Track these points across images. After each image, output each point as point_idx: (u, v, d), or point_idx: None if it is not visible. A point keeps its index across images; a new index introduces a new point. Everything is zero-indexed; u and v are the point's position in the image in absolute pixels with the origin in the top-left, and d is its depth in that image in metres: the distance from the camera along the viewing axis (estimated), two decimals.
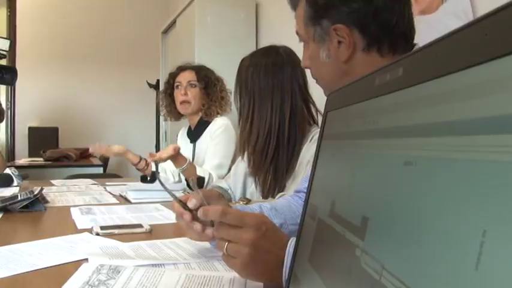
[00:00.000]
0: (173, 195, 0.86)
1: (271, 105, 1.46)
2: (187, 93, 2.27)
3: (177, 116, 2.44)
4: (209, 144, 2.23)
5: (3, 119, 3.63)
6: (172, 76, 2.39)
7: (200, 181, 2.06)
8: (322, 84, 1.03)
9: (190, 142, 2.38)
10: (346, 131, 0.49)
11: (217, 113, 2.29)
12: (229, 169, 2.14)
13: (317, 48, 0.96)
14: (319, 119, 1.56)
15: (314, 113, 1.54)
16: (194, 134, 2.35)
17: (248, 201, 1.39)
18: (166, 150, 2.00)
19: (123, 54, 5.35)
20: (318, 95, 1.50)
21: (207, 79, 2.28)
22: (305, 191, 1.19)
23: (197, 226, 0.85)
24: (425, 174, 0.29)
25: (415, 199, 0.29)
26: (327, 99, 0.61)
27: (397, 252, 0.30)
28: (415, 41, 0.97)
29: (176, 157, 2.06)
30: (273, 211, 1.11)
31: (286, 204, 1.17)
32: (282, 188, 1.45)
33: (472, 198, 0.23)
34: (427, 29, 1.60)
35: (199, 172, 2.10)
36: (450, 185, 0.26)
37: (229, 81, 2.44)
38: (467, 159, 0.24)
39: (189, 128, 2.42)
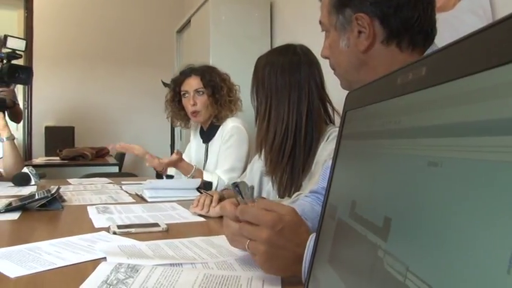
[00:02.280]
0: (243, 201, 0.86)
1: (288, 104, 1.46)
2: (197, 103, 2.22)
3: (187, 122, 2.42)
4: (221, 147, 2.22)
5: (21, 119, 3.67)
6: (177, 83, 2.32)
7: (208, 186, 2.06)
8: (338, 73, 1.04)
9: (203, 142, 2.38)
10: (367, 130, 0.49)
11: (228, 115, 2.27)
12: (243, 170, 2.15)
13: (337, 36, 0.97)
14: (335, 118, 1.55)
15: (331, 112, 1.53)
16: (207, 135, 2.34)
17: None
18: (170, 158, 2.00)
19: (138, 54, 5.38)
20: (334, 95, 1.49)
21: (212, 83, 2.20)
22: (321, 192, 1.20)
23: None
24: (451, 175, 0.28)
25: (441, 200, 0.29)
26: (346, 98, 0.60)
27: (422, 254, 0.30)
28: None
29: (180, 164, 2.07)
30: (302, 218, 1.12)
31: (310, 207, 1.17)
32: (298, 188, 1.44)
33: (502, 200, 0.23)
34: (444, 26, 1.59)
35: (207, 177, 2.10)
36: (478, 186, 0.25)
37: (244, 80, 2.43)
38: (497, 161, 0.24)
39: (201, 128, 2.41)
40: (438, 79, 0.33)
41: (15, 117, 3.40)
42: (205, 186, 2.04)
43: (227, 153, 2.17)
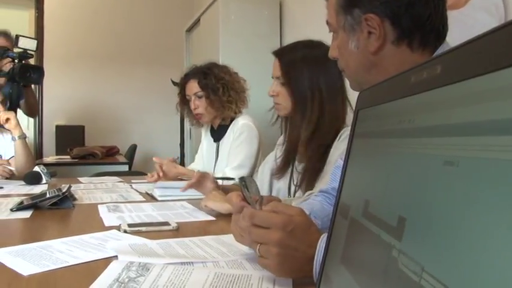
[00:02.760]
0: (252, 202, 0.85)
1: (325, 98, 1.45)
2: (198, 106, 2.24)
3: (198, 122, 2.43)
4: (232, 145, 2.22)
5: (36, 114, 3.72)
6: (183, 87, 2.35)
7: None
8: (348, 74, 1.02)
9: (214, 141, 2.38)
10: (379, 129, 0.49)
11: (235, 113, 2.25)
12: (253, 168, 2.15)
13: (346, 37, 0.95)
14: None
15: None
16: (217, 134, 2.35)
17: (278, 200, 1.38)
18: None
19: (148, 53, 5.40)
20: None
21: (208, 85, 2.20)
22: (331, 191, 1.19)
23: None
24: (468, 175, 0.28)
25: (458, 200, 0.29)
26: (358, 97, 0.60)
27: (438, 254, 0.30)
28: None
29: (179, 171, 2.10)
30: (311, 217, 1.11)
31: (320, 206, 1.17)
32: (311, 186, 1.44)
33: None
34: (455, 24, 1.57)
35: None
36: (495, 185, 0.25)
37: (253, 79, 2.43)
38: None
39: (212, 126, 2.41)
40: (453, 78, 0.32)
41: (30, 111, 3.44)
42: None
43: (237, 150, 2.17)
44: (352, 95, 1.31)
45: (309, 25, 3.00)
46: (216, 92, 2.18)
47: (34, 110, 3.50)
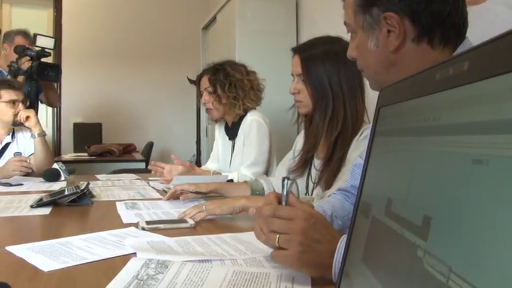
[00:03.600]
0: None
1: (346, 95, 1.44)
2: (206, 101, 2.26)
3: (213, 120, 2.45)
4: (244, 142, 2.22)
5: (57, 105, 3.78)
6: (198, 81, 2.39)
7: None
8: (367, 74, 1.01)
9: (229, 139, 2.38)
10: (402, 127, 0.48)
11: (244, 110, 2.24)
12: (267, 163, 2.15)
13: (366, 37, 0.94)
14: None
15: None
16: (232, 132, 2.34)
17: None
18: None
19: (164, 51, 5.43)
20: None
21: (216, 81, 2.22)
22: (350, 189, 1.18)
23: None
24: (497, 173, 0.27)
25: (487, 199, 0.28)
26: (380, 95, 0.59)
27: (466, 254, 0.29)
28: None
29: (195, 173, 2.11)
30: (333, 217, 1.11)
31: (340, 205, 1.16)
32: (330, 185, 1.42)
33: None
34: (476, 20, 1.55)
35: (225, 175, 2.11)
36: None
37: (270, 76, 2.43)
38: None
39: (226, 124, 2.41)
40: (482, 75, 0.31)
41: (50, 102, 3.50)
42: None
43: (249, 148, 2.17)
44: (372, 94, 1.31)
45: (325, 22, 2.98)
46: (223, 88, 2.19)
47: (54, 102, 3.56)
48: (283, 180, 0.83)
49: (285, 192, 0.83)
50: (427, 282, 0.33)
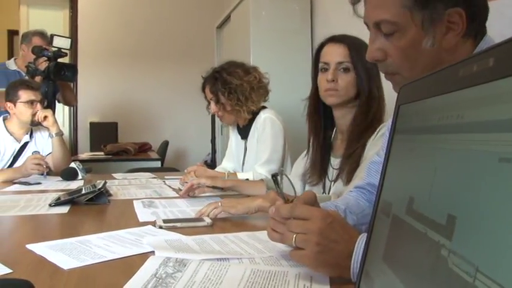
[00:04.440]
0: (282, 197, 0.85)
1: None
2: (215, 110, 2.27)
3: None
4: (258, 140, 2.22)
5: (73, 104, 3.83)
6: (203, 90, 2.38)
7: None
8: (408, 76, 0.90)
9: (242, 139, 2.38)
10: (423, 124, 0.47)
11: (251, 111, 2.22)
12: (282, 161, 2.15)
13: (422, 35, 0.85)
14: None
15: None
16: (244, 132, 2.34)
17: None
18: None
19: (179, 50, 5.44)
20: None
21: (218, 92, 2.21)
22: (366, 187, 1.18)
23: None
24: None
25: None
26: (399, 92, 0.59)
27: (493, 254, 0.29)
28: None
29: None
30: (347, 211, 1.11)
31: (355, 202, 1.15)
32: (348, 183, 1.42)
33: None
34: (495, 16, 1.53)
35: (241, 176, 2.11)
36: None
37: (284, 75, 2.42)
38: None
39: (238, 125, 2.41)
40: (508, 71, 0.31)
41: (66, 101, 3.54)
42: None
43: (263, 146, 2.16)
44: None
45: (340, 20, 2.96)
46: (224, 96, 2.19)
47: (71, 101, 3.60)
48: (274, 177, 0.83)
49: (279, 189, 0.83)
50: (452, 282, 0.33)
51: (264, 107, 2.29)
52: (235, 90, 2.17)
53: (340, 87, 1.47)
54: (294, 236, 0.75)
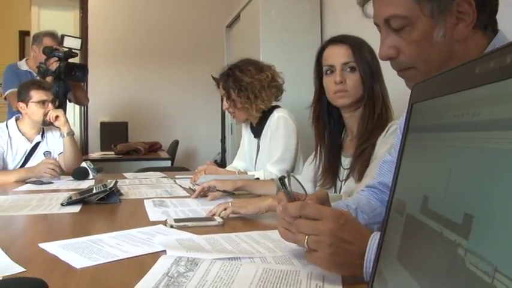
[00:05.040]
0: (293, 198, 0.85)
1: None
2: (227, 107, 2.29)
3: None
4: (271, 139, 2.22)
5: (84, 103, 3.86)
6: (217, 87, 2.40)
7: None
8: (424, 71, 0.89)
9: (254, 137, 2.39)
10: (438, 123, 0.47)
11: (260, 110, 2.23)
12: (294, 161, 2.16)
13: (433, 26, 0.84)
14: None
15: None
16: (257, 130, 2.35)
17: None
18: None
19: (188, 50, 5.45)
20: None
21: (230, 89, 2.23)
22: (377, 186, 1.17)
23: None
24: None
25: None
26: (412, 90, 0.58)
27: None
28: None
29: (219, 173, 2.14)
30: (358, 211, 1.10)
31: (366, 201, 1.15)
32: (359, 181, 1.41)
33: None
34: (505, 10, 1.51)
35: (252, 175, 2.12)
36: None
37: (294, 74, 2.41)
38: None
39: (251, 123, 2.42)
40: None
41: (78, 101, 3.57)
42: None
43: (275, 144, 2.17)
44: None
45: (350, 19, 2.94)
46: (235, 93, 2.21)
47: (82, 100, 3.63)
48: (281, 180, 0.83)
49: (288, 191, 0.83)
50: (470, 282, 0.32)
51: (277, 106, 2.29)
52: (245, 87, 2.18)
53: (350, 87, 1.47)
54: (306, 237, 0.74)
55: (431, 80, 0.53)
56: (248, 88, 2.18)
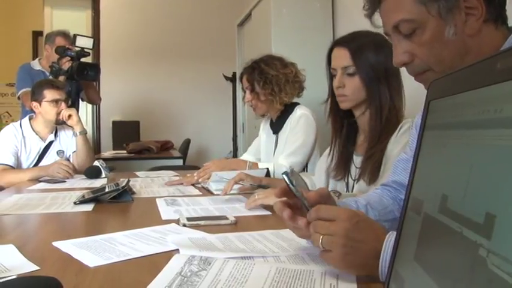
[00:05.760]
0: (299, 194, 0.84)
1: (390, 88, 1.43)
2: (249, 99, 2.32)
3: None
4: (289, 134, 2.25)
5: (97, 102, 3.89)
6: (240, 80, 2.45)
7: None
8: (440, 70, 0.88)
9: (273, 133, 2.40)
10: (457, 120, 0.46)
11: (283, 103, 2.26)
12: (308, 156, 2.19)
13: (442, 25, 0.84)
14: None
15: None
16: (276, 126, 2.38)
17: (339, 194, 1.36)
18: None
19: (200, 48, 5.46)
20: None
21: (254, 80, 2.26)
22: (391, 184, 1.16)
23: (302, 221, 0.83)
24: None
25: None
26: (429, 88, 0.57)
27: None
28: None
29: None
30: (367, 207, 1.09)
31: (377, 199, 1.14)
32: (372, 181, 1.40)
33: None
34: None
35: (262, 166, 2.16)
36: None
37: (306, 72, 2.41)
38: None
39: (271, 119, 2.43)
40: None
41: (90, 100, 3.59)
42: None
43: (293, 139, 2.20)
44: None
45: (362, 17, 2.91)
46: (259, 85, 2.24)
47: (94, 99, 3.65)
48: (285, 175, 0.82)
49: (292, 184, 0.82)
50: (493, 283, 0.31)
51: (297, 103, 2.33)
52: (270, 80, 2.22)
53: (349, 92, 1.46)
54: (321, 237, 0.74)
55: (449, 77, 0.51)
56: (273, 81, 2.22)
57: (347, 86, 1.45)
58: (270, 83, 2.22)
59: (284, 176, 0.82)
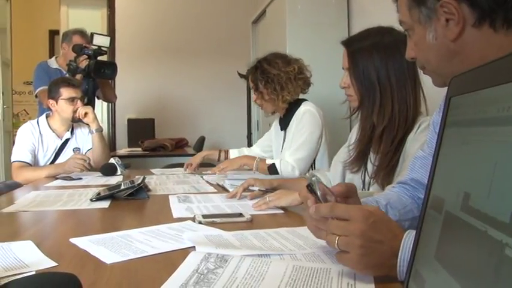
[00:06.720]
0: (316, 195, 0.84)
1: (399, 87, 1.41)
2: (255, 99, 2.37)
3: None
4: (294, 131, 2.27)
5: (112, 100, 3.93)
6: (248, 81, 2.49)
7: (273, 168, 2.18)
8: (430, 70, 0.96)
9: (281, 130, 2.42)
10: (480, 117, 0.45)
11: (286, 101, 2.28)
12: (314, 152, 2.22)
13: (423, 30, 0.90)
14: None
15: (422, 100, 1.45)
16: (283, 122, 2.40)
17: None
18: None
19: (214, 46, 5.47)
20: None
21: (257, 80, 2.30)
22: (409, 182, 1.14)
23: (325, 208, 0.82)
24: None
25: None
26: (450, 84, 0.56)
27: None
28: None
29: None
30: (387, 207, 1.08)
31: (396, 198, 1.12)
32: (388, 180, 1.39)
33: None
34: None
35: (269, 161, 2.21)
36: None
37: (321, 69, 2.41)
38: None
39: (280, 116, 2.46)
40: None
41: (106, 98, 3.62)
42: (270, 169, 2.19)
43: (297, 136, 2.23)
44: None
45: (377, 14, 2.90)
46: (262, 85, 2.28)
47: (110, 97, 3.67)
48: (309, 187, 0.83)
49: (318, 194, 0.82)
50: None
51: (304, 100, 2.34)
52: (272, 79, 2.25)
53: (353, 92, 1.48)
54: (337, 238, 0.73)
55: (471, 73, 0.50)
56: (275, 80, 2.24)
57: (351, 86, 1.46)
58: (272, 82, 2.24)
59: (307, 190, 0.83)
